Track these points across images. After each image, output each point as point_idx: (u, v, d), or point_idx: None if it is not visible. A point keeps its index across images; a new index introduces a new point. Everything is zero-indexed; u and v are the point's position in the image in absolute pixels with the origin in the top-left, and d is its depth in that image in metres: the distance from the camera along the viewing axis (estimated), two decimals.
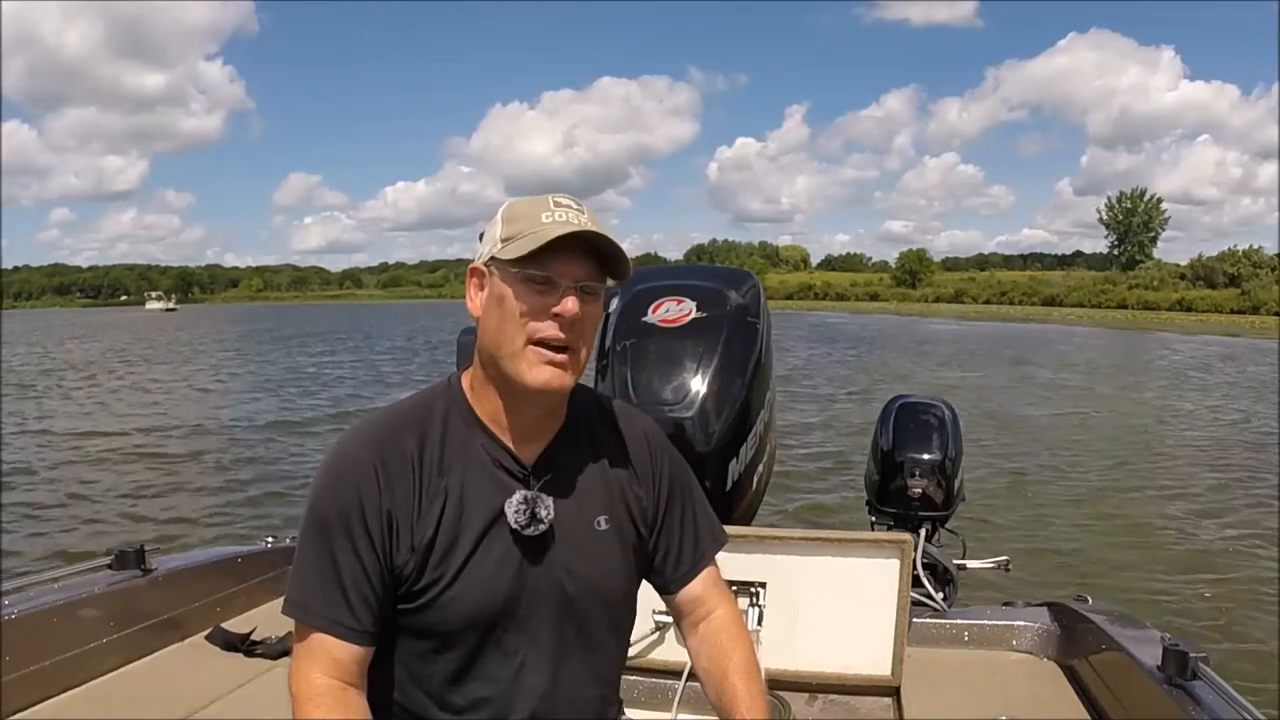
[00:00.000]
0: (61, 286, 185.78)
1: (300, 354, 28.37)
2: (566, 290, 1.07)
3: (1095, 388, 17.57)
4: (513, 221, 1.10)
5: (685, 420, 2.15)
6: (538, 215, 1.08)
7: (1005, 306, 72.87)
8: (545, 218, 1.07)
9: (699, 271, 2.82)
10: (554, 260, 1.07)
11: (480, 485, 1.13)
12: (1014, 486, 8.30)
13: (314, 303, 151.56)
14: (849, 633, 2.02)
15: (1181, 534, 6.84)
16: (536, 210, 1.09)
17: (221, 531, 6.73)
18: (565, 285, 1.07)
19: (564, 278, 1.07)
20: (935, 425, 2.67)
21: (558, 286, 1.07)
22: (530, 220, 1.08)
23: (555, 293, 1.07)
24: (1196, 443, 11.02)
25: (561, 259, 1.07)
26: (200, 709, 1.86)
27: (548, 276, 1.07)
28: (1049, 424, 12.38)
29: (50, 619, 1.85)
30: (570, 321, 1.07)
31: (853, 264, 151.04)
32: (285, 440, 11.14)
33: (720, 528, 1.34)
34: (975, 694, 1.97)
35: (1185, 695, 1.50)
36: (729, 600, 1.31)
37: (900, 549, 2.01)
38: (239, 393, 17.27)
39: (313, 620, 1.08)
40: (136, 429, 12.12)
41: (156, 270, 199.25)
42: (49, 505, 7.67)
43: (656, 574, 1.29)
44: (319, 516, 1.10)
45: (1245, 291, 59.92)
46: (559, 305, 1.07)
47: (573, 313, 1.07)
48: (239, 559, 2.43)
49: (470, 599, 1.10)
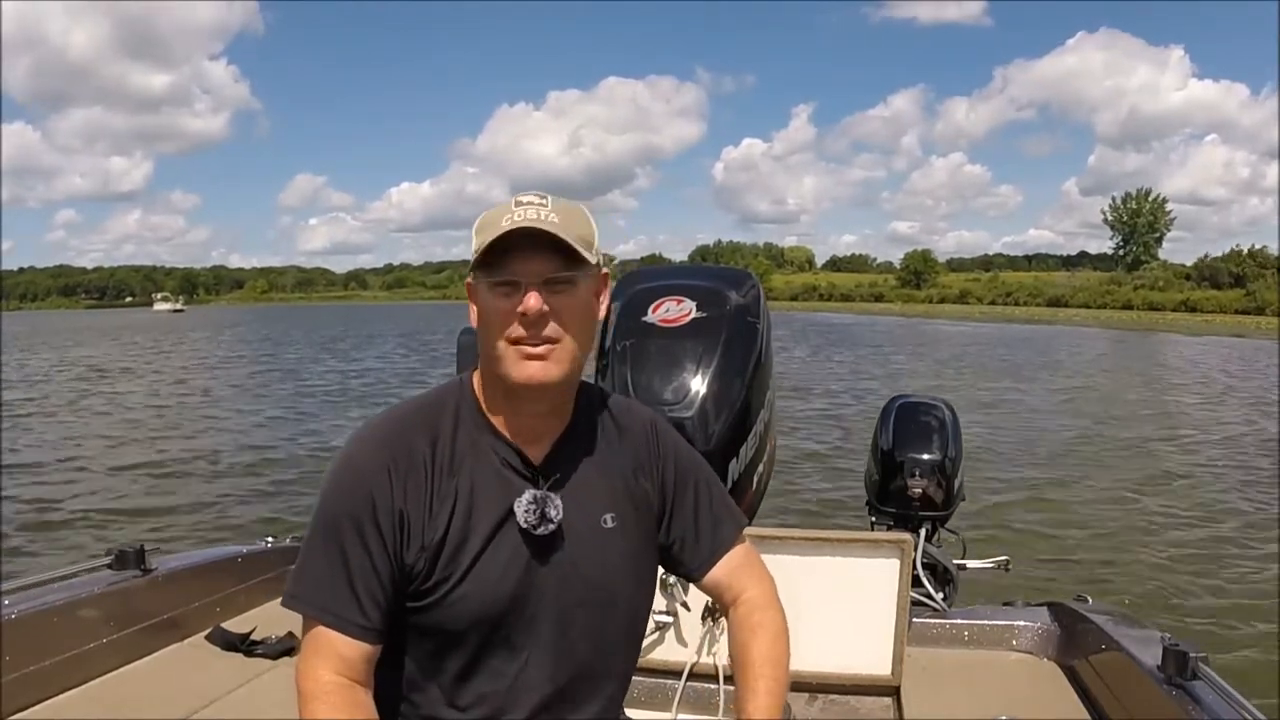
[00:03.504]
0: (67, 288, 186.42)
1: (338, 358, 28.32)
2: (528, 288, 1.08)
3: (1096, 388, 17.57)
4: (480, 231, 1.11)
5: (685, 420, 2.15)
6: (499, 221, 1.08)
7: (1010, 307, 72.82)
8: (505, 221, 1.08)
9: (699, 271, 2.82)
10: (514, 261, 1.08)
11: (489, 485, 1.14)
12: (1014, 487, 8.29)
13: (319, 304, 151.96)
14: (849, 632, 2.02)
15: (1182, 534, 6.83)
16: (499, 216, 1.09)
17: (221, 531, 6.74)
18: (526, 283, 1.08)
19: (525, 276, 1.08)
20: (935, 425, 2.67)
21: (520, 285, 1.08)
22: (493, 228, 1.08)
23: (519, 292, 1.08)
24: (1197, 443, 10.99)
25: (523, 257, 1.08)
26: (200, 709, 1.86)
27: (508, 278, 1.08)
28: (1049, 424, 12.36)
29: (50, 619, 1.86)
30: (534, 318, 1.08)
31: (858, 265, 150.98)
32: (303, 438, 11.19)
33: (739, 511, 1.34)
34: (975, 694, 1.97)
35: (1185, 695, 1.50)
36: (758, 580, 1.29)
37: (900, 549, 2.01)
38: (246, 392, 17.34)
39: (322, 617, 1.09)
40: (142, 429, 12.17)
41: (162, 271, 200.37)
42: (49, 505, 7.69)
43: (678, 563, 1.29)
44: (330, 515, 1.11)
45: (1250, 292, 59.80)
46: (521, 304, 1.08)
47: (534, 309, 1.07)
48: (239, 559, 2.43)
49: (478, 598, 1.11)
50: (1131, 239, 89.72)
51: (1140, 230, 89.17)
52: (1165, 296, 65.27)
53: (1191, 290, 65.80)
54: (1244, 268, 66.09)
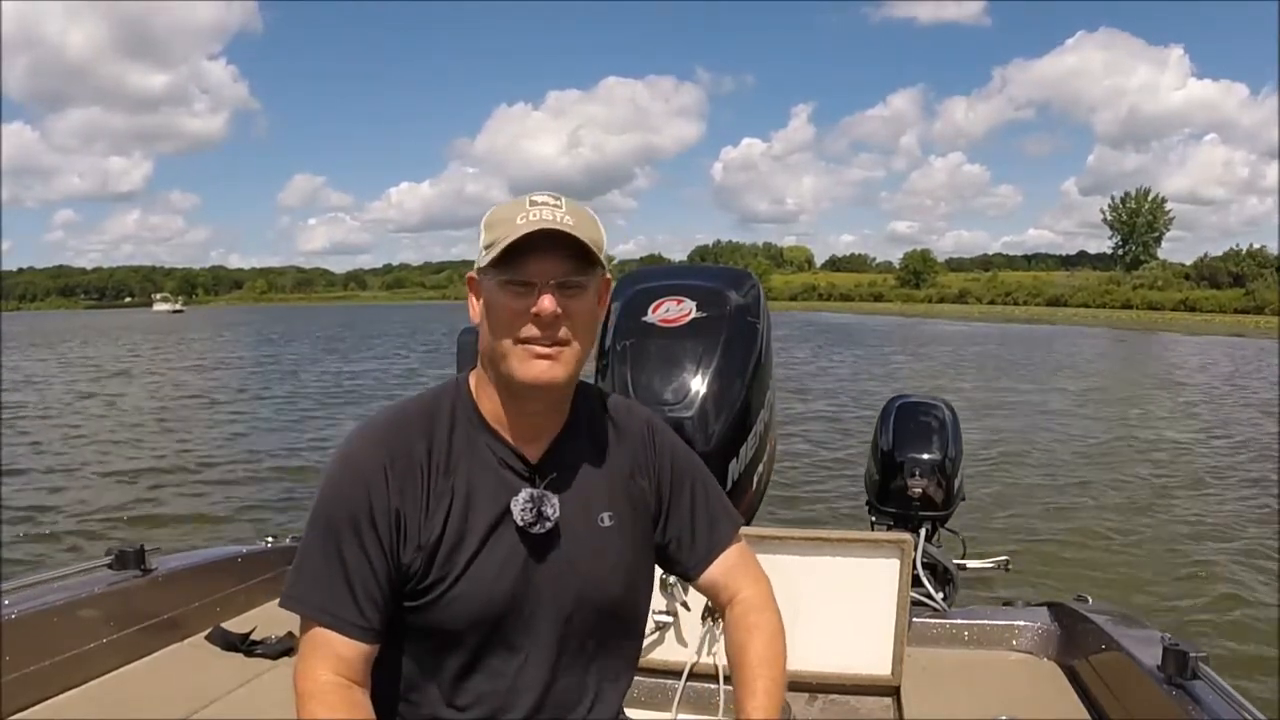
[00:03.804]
0: (66, 288, 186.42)
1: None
2: (542, 289, 1.08)
3: (1096, 388, 17.56)
4: (491, 228, 1.11)
5: (685, 420, 2.15)
6: (514, 219, 1.08)
7: (1009, 307, 72.78)
8: (520, 220, 1.08)
9: (699, 271, 2.82)
10: (530, 261, 1.08)
11: (486, 484, 1.14)
12: (1015, 487, 8.29)
13: (318, 304, 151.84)
14: (849, 632, 2.02)
15: (1182, 534, 6.82)
16: (513, 213, 1.09)
17: (221, 531, 6.74)
18: (541, 284, 1.08)
19: (540, 277, 1.08)
20: (935, 425, 2.67)
21: (535, 287, 1.08)
22: (507, 225, 1.08)
23: (533, 293, 1.08)
24: (1197, 443, 10.99)
25: (538, 258, 1.08)
26: (200, 709, 1.86)
27: (523, 279, 1.08)
28: (1050, 424, 12.35)
29: (50, 619, 1.86)
30: (549, 320, 1.08)
31: (857, 265, 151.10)
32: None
33: (735, 511, 1.34)
34: (975, 694, 1.97)
35: (1185, 695, 1.50)
36: (754, 579, 1.29)
37: (900, 549, 2.01)
38: (243, 391, 17.33)
39: (320, 617, 1.09)
40: (141, 429, 12.16)
41: (161, 272, 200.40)
42: (49, 506, 7.69)
43: (674, 563, 1.29)
44: (327, 515, 1.11)
45: (1249, 291, 59.79)
46: (535, 305, 1.08)
47: (549, 311, 1.07)
48: (239, 559, 2.43)
49: (475, 597, 1.11)
50: (1131, 239, 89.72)
51: (1139, 230, 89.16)
52: (1164, 296, 65.27)
53: (1190, 290, 65.77)
54: (1243, 267, 66.12)
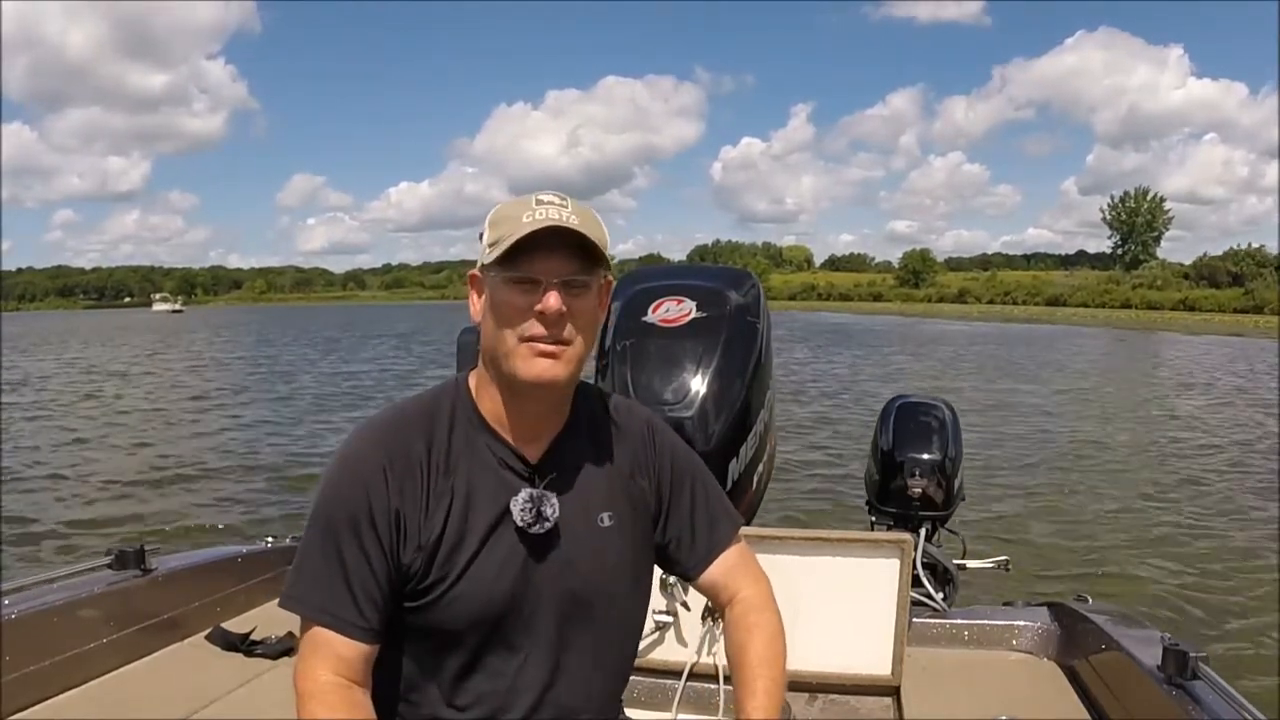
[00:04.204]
0: (65, 288, 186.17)
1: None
2: (548, 287, 1.08)
3: (1096, 388, 17.56)
4: (496, 225, 1.11)
5: (685, 420, 2.15)
6: (519, 216, 1.09)
7: (1009, 307, 72.78)
8: (526, 218, 1.08)
9: (699, 271, 2.82)
10: (536, 259, 1.08)
11: (486, 484, 1.14)
12: (1015, 486, 8.29)
13: (318, 304, 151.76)
14: (849, 632, 2.02)
15: (1182, 534, 6.82)
16: (519, 211, 1.09)
17: (221, 531, 6.74)
18: (547, 283, 1.08)
19: (545, 275, 1.08)
20: (935, 425, 2.67)
21: (540, 284, 1.08)
22: (513, 223, 1.08)
23: (538, 291, 1.08)
24: (1197, 443, 10.98)
25: (543, 257, 1.08)
26: (200, 709, 1.86)
27: (529, 276, 1.08)
28: (1050, 424, 12.36)
29: (50, 619, 1.86)
30: (554, 318, 1.08)
31: (857, 264, 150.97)
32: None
33: (735, 511, 1.34)
34: (975, 694, 1.97)
35: (1185, 695, 1.50)
36: (753, 580, 1.29)
37: (900, 549, 2.01)
38: (242, 391, 17.33)
39: (320, 617, 1.09)
40: (141, 430, 12.16)
41: (160, 272, 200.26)
42: (49, 506, 7.68)
43: (674, 563, 1.29)
44: (327, 515, 1.11)
45: (1249, 291, 59.80)
46: (540, 303, 1.08)
47: (554, 309, 1.07)
48: (239, 559, 2.44)
49: (475, 597, 1.11)
50: (1130, 238, 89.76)
51: (1139, 229, 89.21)
52: (1164, 295, 65.27)
53: (1190, 289, 65.80)
54: (1242, 267, 66.17)
